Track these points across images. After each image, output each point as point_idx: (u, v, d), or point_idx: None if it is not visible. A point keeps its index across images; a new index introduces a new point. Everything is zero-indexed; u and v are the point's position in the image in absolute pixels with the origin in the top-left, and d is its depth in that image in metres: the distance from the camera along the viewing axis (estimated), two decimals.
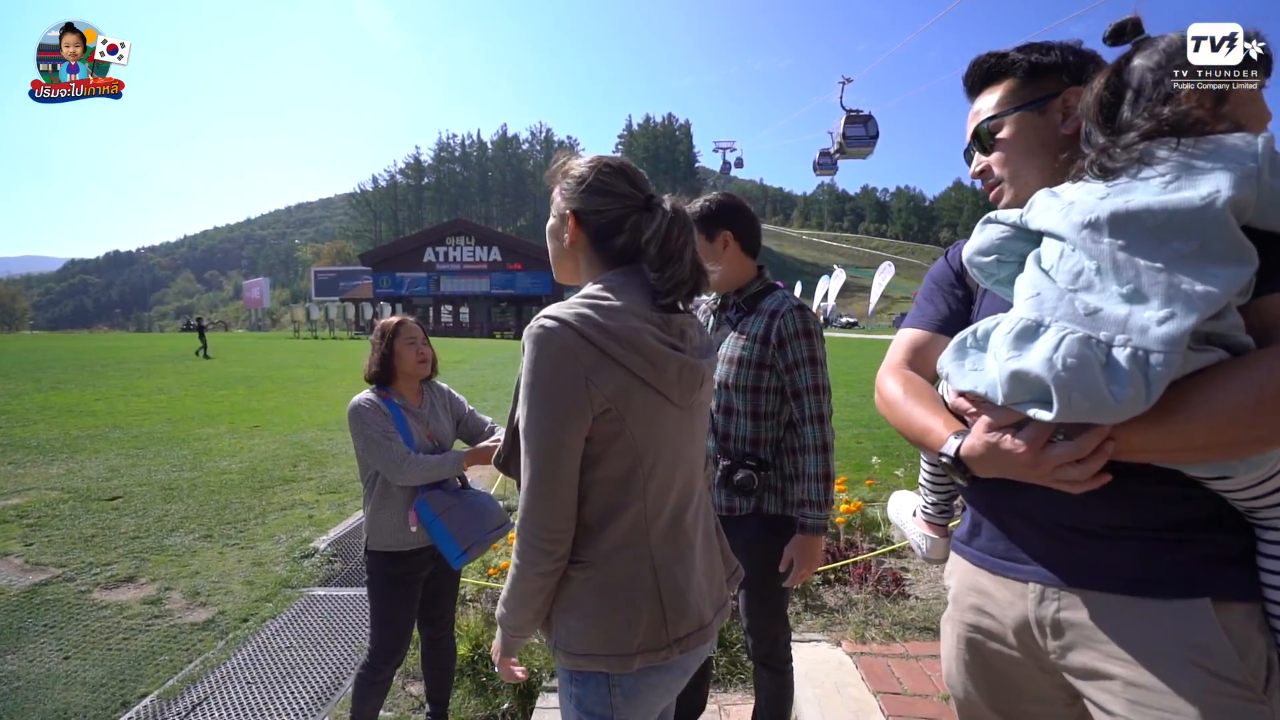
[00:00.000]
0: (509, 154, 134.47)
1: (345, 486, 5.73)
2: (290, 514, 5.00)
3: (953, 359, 0.90)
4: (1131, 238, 0.76)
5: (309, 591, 3.70)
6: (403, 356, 2.14)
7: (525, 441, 1.01)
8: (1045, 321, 0.78)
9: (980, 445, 0.87)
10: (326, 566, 4.02)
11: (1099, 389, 0.72)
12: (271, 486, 5.74)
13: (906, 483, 4.59)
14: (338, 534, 4.54)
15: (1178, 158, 0.78)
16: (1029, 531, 0.98)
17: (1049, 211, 0.86)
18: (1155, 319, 0.72)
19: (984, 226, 0.97)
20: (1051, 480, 0.82)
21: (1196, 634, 0.83)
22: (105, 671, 2.85)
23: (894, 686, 2.36)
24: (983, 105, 1.06)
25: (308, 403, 10.69)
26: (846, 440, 6.92)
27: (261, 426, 8.57)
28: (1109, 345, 0.73)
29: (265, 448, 7.27)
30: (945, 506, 1.29)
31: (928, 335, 1.14)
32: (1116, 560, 0.89)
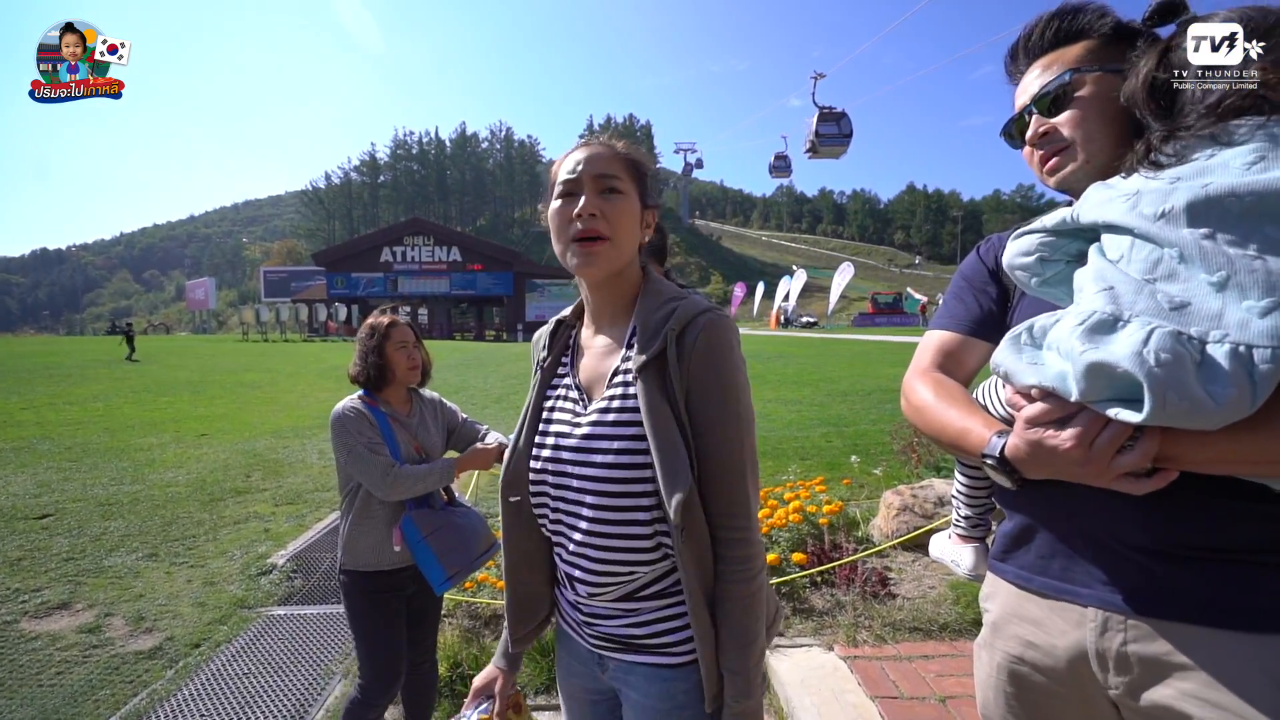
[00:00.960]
0: (468, 153, 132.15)
1: (304, 497, 5.44)
2: (244, 528, 4.70)
3: (1010, 354, 0.80)
4: (1216, 225, 0.67)
5: (268, 611, 3.46)
6: (394, 361, 1.98)
7: (746, 432, 0.99)
8: (1124, 316, 0.69)
9: (1024, 443, 0.77)
10: (286, 584, 3.77)
11: (1197, 390, 0.63)
12: (223, 499, 5.41)
13: (884, 480, 4.60)
14: (297, 548, 4.29)
15: (1261, 135, 0.70)
16: (1089, 550, 0.87)
17: (1108, 204, 0.77)
18: (1257, 310, 0.63)
19: (1019, 235, 0.88)
20: (1109, 481, 0.73)
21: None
22: (36, 711, 2.58)
23: (891, 690, 2.31)
24: (1046, 66, 0.96)
25: (260, 408, 10.20)
26: (816, 440, 6.95)
27: (210, 435, 8.12)
28: (1203, 342, 0.64)
29: (214, 457, 6.88)
30: (980, 520, 1.21)
31: (959, 338, 1.05)
32: (1198, 586, 0.79)
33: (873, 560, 3.44)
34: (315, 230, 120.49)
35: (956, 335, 1.06)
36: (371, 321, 2.02)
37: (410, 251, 45.62)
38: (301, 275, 60.35)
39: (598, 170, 1.00)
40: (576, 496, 1.01)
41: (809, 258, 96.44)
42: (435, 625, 2.19)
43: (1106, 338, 0.69)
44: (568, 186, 1.02)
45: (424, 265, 45.57)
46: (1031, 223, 0.87)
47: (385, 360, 1.97)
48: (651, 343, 0.97)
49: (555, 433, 1.06)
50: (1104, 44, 0.91)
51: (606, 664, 1.07)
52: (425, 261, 45.58)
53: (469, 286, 45.11)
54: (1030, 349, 0.78)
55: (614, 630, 1.04)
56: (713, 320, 0.97)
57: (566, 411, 1.07)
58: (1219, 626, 0.78)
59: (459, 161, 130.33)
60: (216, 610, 3.46)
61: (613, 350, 1.06)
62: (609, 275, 1.03)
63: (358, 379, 2.00)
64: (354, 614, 1.95)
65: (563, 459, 1.03)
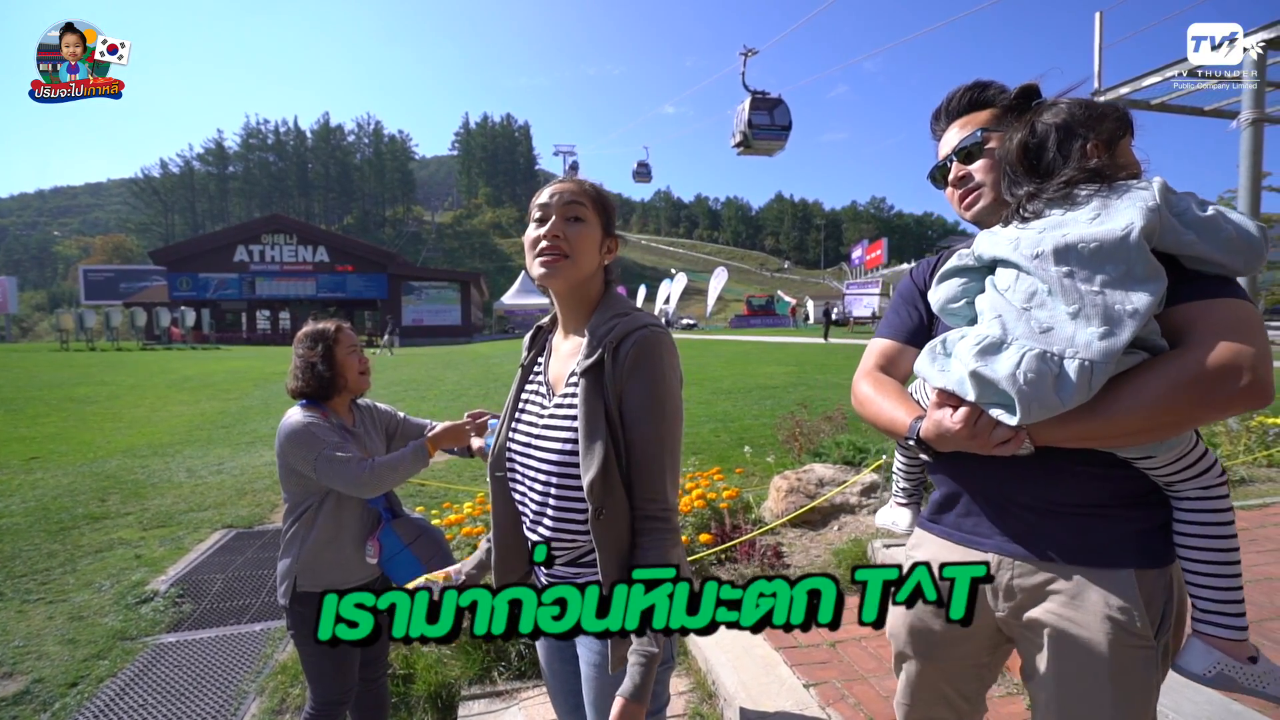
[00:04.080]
0: (332, 145, 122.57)
1: (176, 519, 5.00)
2: (110, 556, 4.26)
3: (928, 363, 1.08)
4: (1073, 264, 0.94)
5: (156, 640, 3.22)
6: (347, 367, 1.93)
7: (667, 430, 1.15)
8: (1007, 340, 0.96)
9: (930, 425, 1.06)
10: (173, 610, 3.52)
11: (1052, 398, 0.92)
12: (75, 527, 4.83)
13: (775, 466, 5.08)
14: (180, 572, 3.98)
15: (1098, 198, 0.99)
16: (990, 510, 1.16)
17: (999, 244, 1.05)
18: (1096, 335, 0.90)
19: (942, 280, 1.15)
20: (990, 450, 1.00)
21: (1118, 599, 1.03)
22: None
23: (790, 642, 2.68)
24: (965, 128, 1.24)
25: (100, 426, 9.03)
26: (706, 435, 7.42)
27: (42, 457, 7.11)
28: (1061, 358, 0.91)
29: (54, 482, 6.07)
30: (915, 490, 1.53)
31: (896, 345, 1.32)
32: (1058, 535, 1.08)
33: (767, 537, 3.85)
34: (149, 225, 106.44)
35: (894, 343, 1.33)
36: (316, 328, 1.95)
37: (270, 250, 41.71)
38: (133, 275, 53.18)
39: (566, 200, 1.22)
40: (534, 474, 1.23)
41: (687, 261, 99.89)
42: (388, 646, 2.18)
43: (994, 357, 0.96)
44: (541, 212, 1.23)
45: (286, 265, 41.87)
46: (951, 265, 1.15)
47: (336, 367, 1.91)
48: (594, 351, 1.17)
49: (527, 421, 1.28)
50: (1004, 112, 1.22)
51: None
52: (287, 262, 41.89)
53: (338, 289, 42.06)
54: (941, 358, 1.06)
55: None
56: (645, 336, 1.16)
57: (535, 404, 1.29)
58: (1074, 563, 1.07)
59: (322, 155, 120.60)
60: (91, 645, 3.17)
61: (574, 354, 1.25)
62: (569, 288, 1.23)
63: (303, 391, 1.91)
64: (307, 639, 1.85)
65: (529, 443, 1.25)
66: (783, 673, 2.46)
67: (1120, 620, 1.02)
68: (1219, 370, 0.89)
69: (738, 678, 2.40)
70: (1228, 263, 0.97)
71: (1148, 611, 1.03)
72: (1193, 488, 1.05)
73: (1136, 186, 1.00)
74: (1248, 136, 7.21)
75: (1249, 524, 4.03)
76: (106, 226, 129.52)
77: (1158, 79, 7.68)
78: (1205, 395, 0.90)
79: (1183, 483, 1.05)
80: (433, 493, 5.38)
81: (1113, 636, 1.02)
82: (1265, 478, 4.97)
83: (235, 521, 4.94)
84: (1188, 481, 1.05)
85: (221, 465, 6.68)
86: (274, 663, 2.98)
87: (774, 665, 2.49)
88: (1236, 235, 0.97)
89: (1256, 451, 5.27)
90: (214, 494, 5.65)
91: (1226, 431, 5.73)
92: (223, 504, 5.37)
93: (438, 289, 43.65)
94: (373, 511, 1.96)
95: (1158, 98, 8.43)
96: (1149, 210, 0.95)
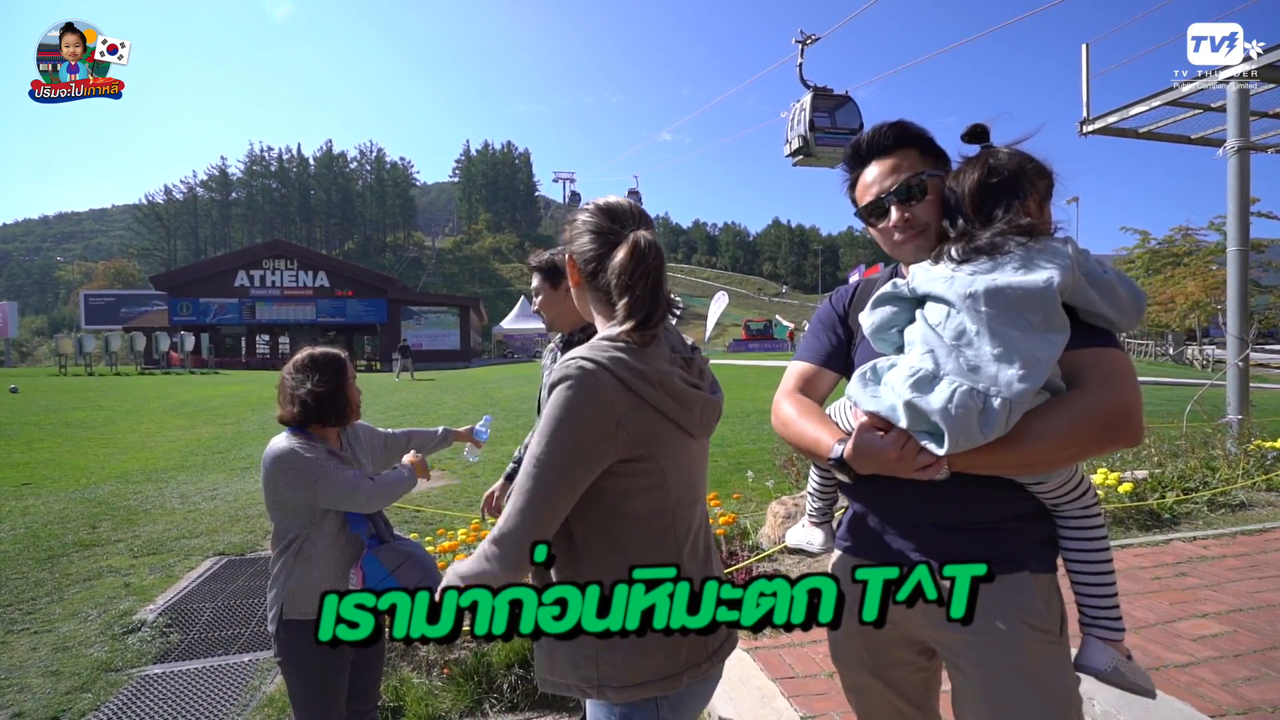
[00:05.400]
0: (335, 172, 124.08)
1: (167, 546, 4.95)
2: (98, 584, 4.21)
3: (859, 388, 1.14)
4: (1000, 308, 1.04)
5: (142, 672, 3.16)
6: (349, 397, 1.96)
7: (533, 467, 1.04)
8: (939, 374, 1.05)
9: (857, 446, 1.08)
10: (160, 640, 3.46)
11: (976, 431, 1.01)
12: (65, 554, 4.78)
13: (774, 491, 5.05)
14: (169, 600, 3.92)
15: (1022, 251, 1.09)
16: (902, 528, 1.24)
17: (934, 280, 1.13)
18: (1016, 377, 1.00)
19: (877, 307, 1.21)
20: (911, 473, 1.06)
21: (1021, 598, 1.14)
22: None
23: (788, 672, 2.64)
24: (893, 166, 1.25)
25: (95, 451, 8.98)
26: None
27: (34, 483, 7.06)
28: (986, 395, 1.01)
29: (46, 508, 6.01)
30: (828, 510, 1.55)
31: (814, 368, 1.39)
32: (968, 547, 1.16)
33: (764, 564, 3.82)
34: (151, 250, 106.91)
35: (813, 365, 1.39)
36: (324, 353, 1.96)
37: (271, 276, 41.90)
38: (134, 300, 53.40)
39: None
40: None
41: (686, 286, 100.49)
42: (380, 670, 2.14)
43: (926, 391, 1.04)
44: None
45: (286, 291, 42.02)
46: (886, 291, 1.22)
47: (346, 395, 1.93)
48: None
49: None
50: (924, 153, 1.28)
51: None
52: (288, 287, 42.05)
53: (338, 314, 42.17)
54: (872, 384, 1.13)
55: None
56: (564, 371, 1.05)
57: None
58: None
59: (324, 181, 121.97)
60: (75, 678, 3.11)
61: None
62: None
63: (304, 419, 1.89)
64: (294, 668, 1.84)
65: None
66: (780, 704, 2.42)
67: (1025, 618, 1.13)
68: (1112, 413, 1.03)
69: (734, 709, 2.36)
70: (1117, 319, 1.11)
71: (1048, 611, 1.15)
72: (1075, 508, 1.19)
73: (1054, 244, 1.11)
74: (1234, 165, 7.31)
75: (1249, 549, 4.00)
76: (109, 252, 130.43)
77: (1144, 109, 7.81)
78: (1100, 434, 1.04)
79: (1067, 504, 1.19)
80: (428, 519, 5.33)
81: (1022, 631, 1.12)
82: (1265, 502, 4.94)
83: (227, 549, 4.88)
84: (1072, 503, 1.19)
85: (215, 491, 6.63)
86: (261, 694, 2.92)
87: (771, 697, 2.45)
88: (1127, 297, 1.11)
89: (1256, 476, 5.24)
90: (207, 520, 5.60)
91: (1225, 456, 5.71)
92: (215, 530, 5.32)
93: (437, 314, 43.76)
94: (356, 537, 1.94)
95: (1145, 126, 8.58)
96: (1066, 267, 1.05)
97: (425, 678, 2.85)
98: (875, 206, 1.29)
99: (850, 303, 1.43)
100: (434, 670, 2.89)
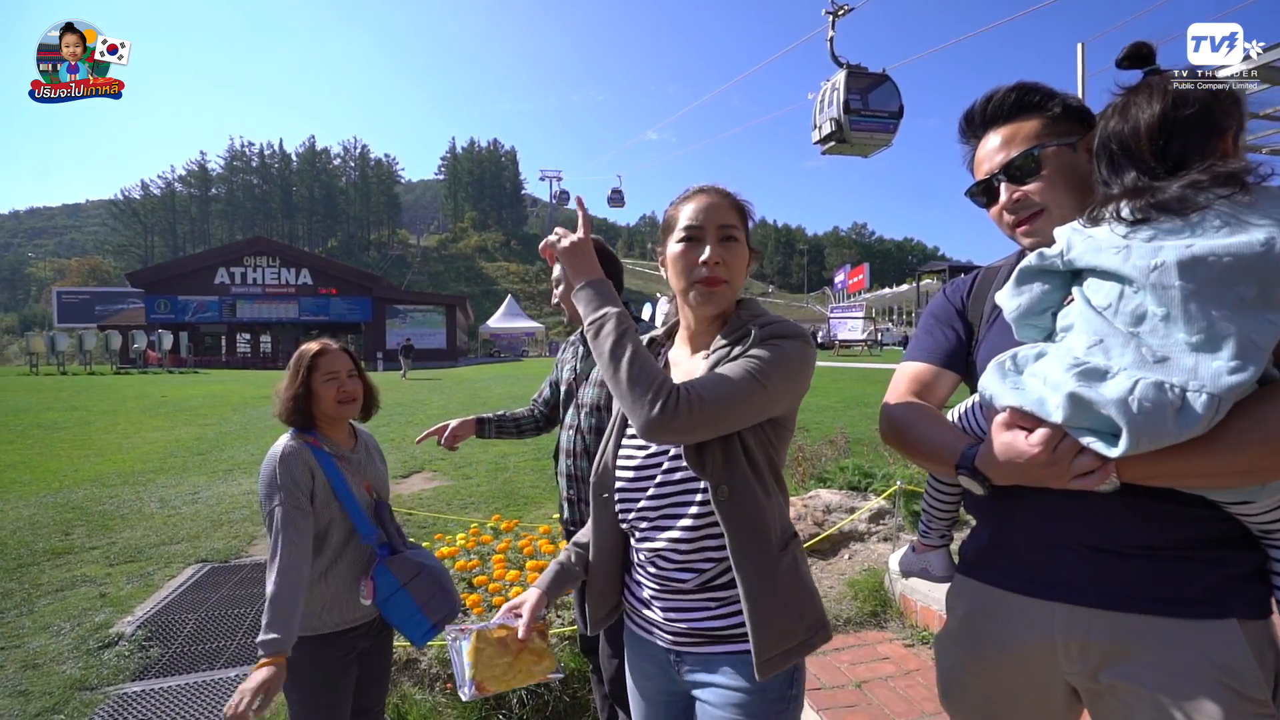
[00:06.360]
0: (318, 169, 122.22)
1: (146, 553, 4.70)
2: (71, 595, 3.96)
3: (997, 380, 0.93)
4: (1200, 281, 0.79)
5: (119, 690, 2.95)
6: (319, 397, 1.80)
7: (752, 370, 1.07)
8: (1112, 370, 0.82)
9: (996, 449, 0.90)
10: (139, 655, 3.24)
11: (1169, 430, 0.78)
12: (35, 563, 4.51)
13: None
14: (149, 611, 3.69)
15: (1226, 206, 0.82)
16: (1050, 553, 1.01)
17: (1100, 251, 0.88)
18: (1226, 369, 0.77)
19: (1023, 284, 0.97)
20: (1066, 481, 0.85)
21: (1225, 655, 0.88)
22: None
23: (814, 683, 2.50)
24: (1009, 137, 1.08)
25: (68, 454, 8.63)
26: None
27: (3, 487, 6.73)
28: (1184, 390, 0.78)
29: (15, 514, 5.72)
30: (947, 531, 1.37)
31: (932, 368, 1.18)
32: (1143, 580, 0.93)
33: None
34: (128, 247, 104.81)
35: (929, 365, 1.19)
36: (299, 351, 1.86)
37: (252, 273, 41.14)
38: (109, 298, 52.20)
39: (720, 222, 1.16)
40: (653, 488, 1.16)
41: None
42: (386, 686, 2.00)
43: (1097, 383, 0.82)
44: (691, 232, 1.16)
45: (268, 288, 41.28)
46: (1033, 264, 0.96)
47: (310, 392, 1.79)
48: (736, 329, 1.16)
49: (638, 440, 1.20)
50: (1054, 120, 1.07)
51: (684, 659, 1.16)
52: (269, 284, 41.32)
53: (321, 312, 41.49)
54: (1013, 374, 0.91)
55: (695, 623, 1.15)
56: (792, 327, 1.16)
57: None
58: (1161, 615, 0.92)
59: (307, 178, 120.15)
60: (46, 697, 2.89)
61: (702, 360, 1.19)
62: (719, 311, 1.19)
63: (288, 418, 1.81)
64: (297, 687, 1.69)
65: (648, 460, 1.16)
66: (808, 717, 2.28)
67: (1230, 682, 0.87)
68: None
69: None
70: None
71: (1261, 671, 0.88)
72: None
73: (1271, 192, 0.84)
74: None
75: None
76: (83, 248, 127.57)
77: None
78: None
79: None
80: (420, 522, 5.13)
81: (1224, 701, 0.86)
82: None
83: (210, 555, 4.65)
84: None
85: (197, 494, 6.36)
86: None
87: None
88: None
89: None
90: (188, 525, 5.35)
91: None
92: (197, 536, 5.07)
93: (423, 312, 43.22)
94: (367, 548, 1.79)
95: None
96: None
97: (428, 693, 2.68)
98: (985, 186, 1.12)
99: (970, 294, 1.23)
100: (437, 685, 2.72)
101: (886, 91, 9.20)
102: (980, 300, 1.21)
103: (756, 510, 1.10)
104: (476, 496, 6.06)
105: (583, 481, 2.03)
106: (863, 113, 9.03)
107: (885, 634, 3.17)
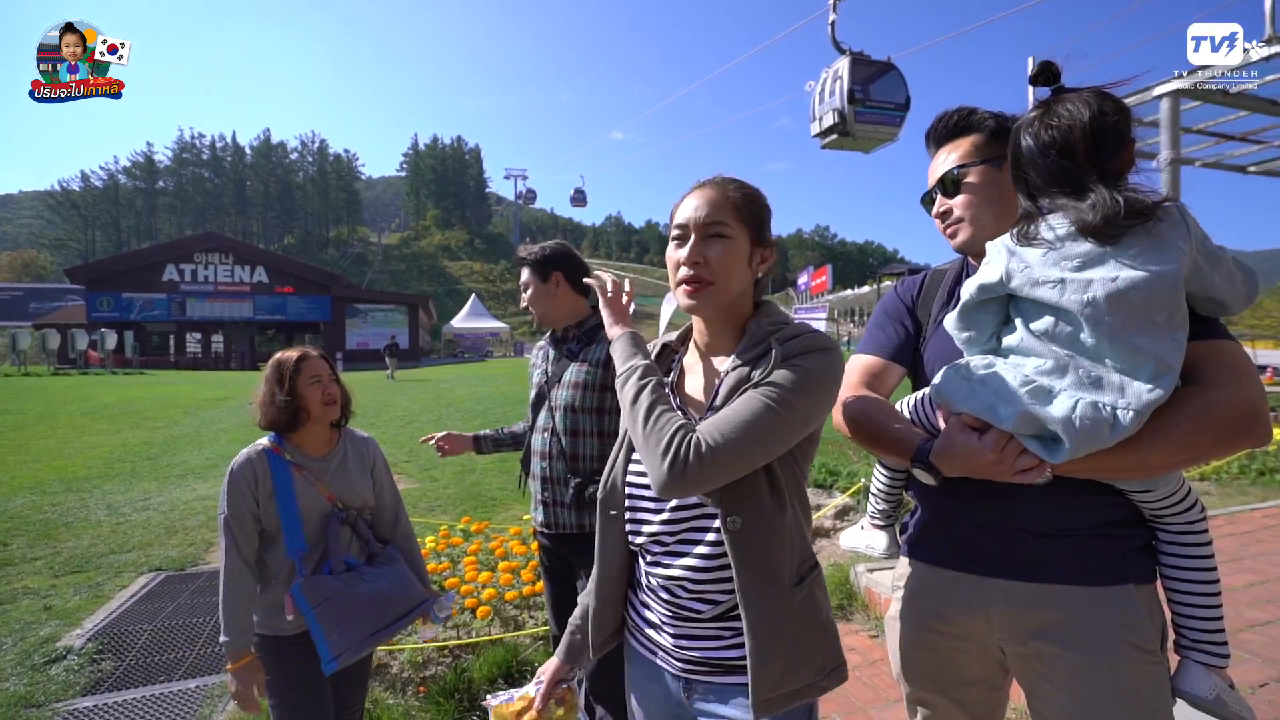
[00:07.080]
0: (274, 163, 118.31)
1: (94, 563, 4.50)
2: (13, 608, 3.77)
3: (953, 384, 1.04)
4: (1125, 314, 0.91)
5: (69, 705, 2.83)
6: (307, 399, 1.82)
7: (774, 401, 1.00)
8: (1056, 390, 0.95)
9: (948, 446, 1.02)
10: (90, 669, 3.10)
11: (1104, 440, 0.93)
12: None
13: None
14: (100, 624, 3.54)
15: (1142, 232, 0.92)
16: (985, 535, 1.14)
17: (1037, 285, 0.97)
18: (1146, 389, 0.91)
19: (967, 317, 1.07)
20: (1009, 476, 0.98)
21: (1127, 615, 1.05)
22: None
23: None
24: (949, 154, 1.22)
25: (4, 459, 8.17)
26: None
27: None
28: (1114, 408, 0.92)
29: None
30: (892, 512, 1.47)
31: (882, 361, 1.29)
32: (1064, 555, 1.08)
33: None
34: (66, 241, 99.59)
35: (880, 359, 1.29)
36: (279, 357, 1.86)
37: (203, 270, 39.54)
38: (45, 294, 49.64)
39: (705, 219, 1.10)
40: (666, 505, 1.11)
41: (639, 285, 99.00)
42: (365, 690, 2.01)
43: (1044, 403, 0.94)
44: (680, 231, 1.12)
45: (220, 286, 39.76)
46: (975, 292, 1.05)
47: (299, 397, 1.81)
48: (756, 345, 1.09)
49: None
50: (988, 140, 1.19)
51: (695, 688, 1.12)
52: (222, 282, 39.80)
53: (278, 311, 40.18)
54: (966, 382, 1.03)
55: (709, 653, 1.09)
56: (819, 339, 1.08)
57: None
58: (1077, 584, 1.07)
59: (262, 172, 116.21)
60: None
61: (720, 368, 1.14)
62: (717, 313, 1.14)
63: (273, 424, 1.83)
64: (275, 690, 1.76)
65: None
66: None
67: (1131, 638, 1.04)
68: (1239, 412, 0.93)
69: None
70: (1230, 303, 0.99)
71: (1152, 627, 1.06)
72: (1179, 521, 1.09)
73: (1171, 215, 0.93)
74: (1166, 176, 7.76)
75: None
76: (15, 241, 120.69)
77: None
78: (1226, 435, 0.94)
79: (1172, 516, 1.09)
80: None
81: (1126, 653, 1.03)
82: None
83: (164, 563, 4.48)
84: (1176, 516, 1.09)
85: (147, 501, 6.12)
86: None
87: None
88: (1243, 279, 0.99)
89: None
90: (139, 533, 5.14)
91: None
92: (149, 544, 4.88)
93: (384, 312, 42.25)
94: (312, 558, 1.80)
95: None
96: (1184, 250, 0.92)
97: (400, 697, 2.65)
98: (927, 196, 1.27)
99: (919, 294, 1.35)
100: (409, 689, 2.69)
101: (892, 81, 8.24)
102: (929, 300, 1.32)
103: (771, 542, 1.04)
104: (444, 499, 5.99)
105: (558, 484, 2.05)
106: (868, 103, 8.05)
107: (851, 625, 3.27)
